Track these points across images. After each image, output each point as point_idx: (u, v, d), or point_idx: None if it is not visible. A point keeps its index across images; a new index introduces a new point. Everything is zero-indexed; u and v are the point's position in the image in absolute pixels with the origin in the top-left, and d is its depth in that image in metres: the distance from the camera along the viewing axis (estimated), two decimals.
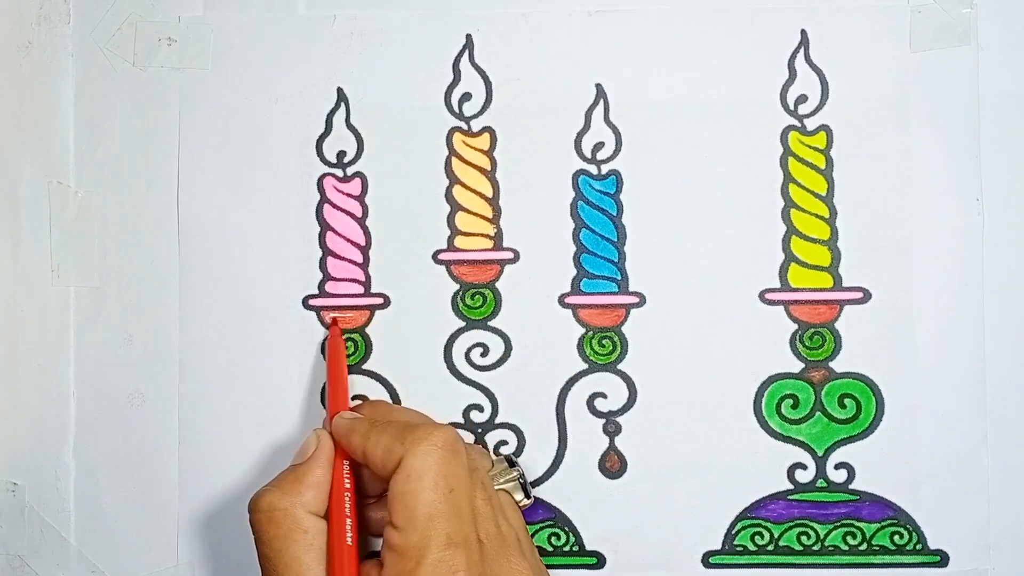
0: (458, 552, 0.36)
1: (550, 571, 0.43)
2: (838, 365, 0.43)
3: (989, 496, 0.43)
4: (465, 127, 0.44)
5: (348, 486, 0.39)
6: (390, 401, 0.44)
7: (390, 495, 0.37)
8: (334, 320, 0.44)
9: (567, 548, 0.44)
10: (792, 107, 0.43)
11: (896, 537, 0.43)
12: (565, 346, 0.44)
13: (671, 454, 0.43)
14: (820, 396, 0.43)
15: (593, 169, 0.44)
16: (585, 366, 0.44)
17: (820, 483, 0.43)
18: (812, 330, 0.43)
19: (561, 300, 0.44)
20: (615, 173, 0.44)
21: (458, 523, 0.36)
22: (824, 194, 0.43)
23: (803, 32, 0.43)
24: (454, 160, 0.44)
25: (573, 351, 0.44)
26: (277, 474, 0.39)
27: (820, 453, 0.43)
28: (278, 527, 0.37)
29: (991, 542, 0.43)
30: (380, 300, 0.44)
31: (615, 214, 0.44)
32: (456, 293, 0.44)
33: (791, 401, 0.43)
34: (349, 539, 0.38)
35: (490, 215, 0.44)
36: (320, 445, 0.40)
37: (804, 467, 0.43)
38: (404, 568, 0.36)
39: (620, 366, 0.44)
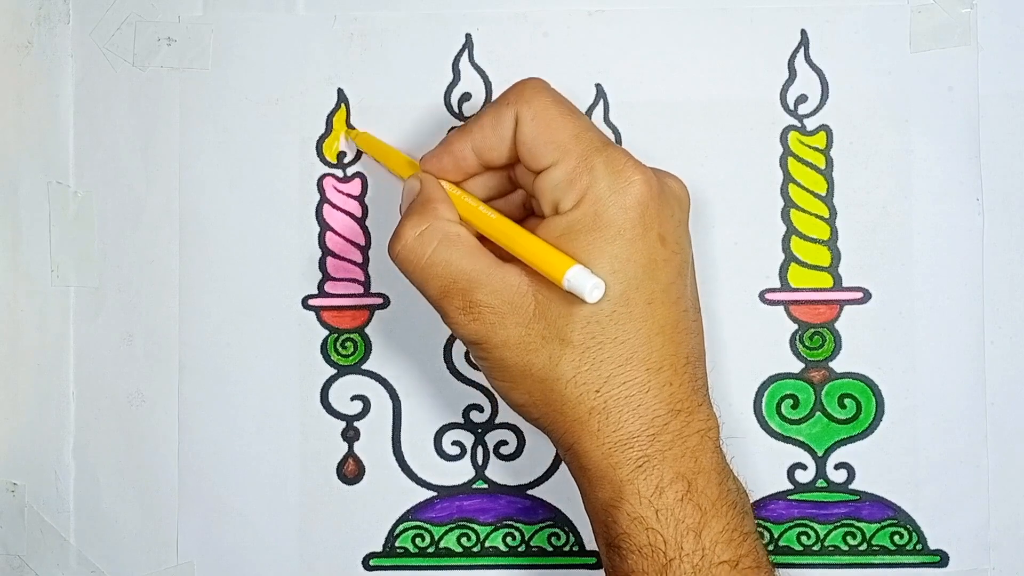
0: (618, 149, 0.36)
1: (550, 571, 0.43)
2: (838, 365, 0.43)
3: (989, 496, 0.43)
4: None
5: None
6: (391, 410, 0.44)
7: (525, 146, 0.36)
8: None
9: (567, 548, 0.44)
10: (792, 107, 0.43)
11: (896, 537, 0.43)
12: None
13: None
14: (820, 396, 0.43)
15: None
16: None
17: (820, 483, 0.43)
18: (812, 330, 0.43)
19: None
20: None
21: (600, 132, 0.37)
22: (824, 194, 0.43)
23: (803, 32, 0.43)
24: None
25: None
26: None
27: (820, 453, 0.43)
28: (426, 244, 0.37)
29: (991, 542, 0.43)
30: (380, 300, 0.44)
31: None
32: None
33: (791, 401, 0.43)
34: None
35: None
36: (424, 179, 0.39)
37: (804, 467, 0.43)
38: (580, 185, 0.35)
39: None
